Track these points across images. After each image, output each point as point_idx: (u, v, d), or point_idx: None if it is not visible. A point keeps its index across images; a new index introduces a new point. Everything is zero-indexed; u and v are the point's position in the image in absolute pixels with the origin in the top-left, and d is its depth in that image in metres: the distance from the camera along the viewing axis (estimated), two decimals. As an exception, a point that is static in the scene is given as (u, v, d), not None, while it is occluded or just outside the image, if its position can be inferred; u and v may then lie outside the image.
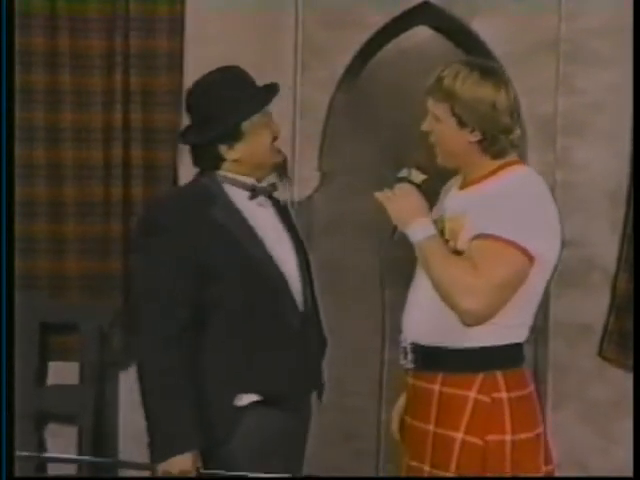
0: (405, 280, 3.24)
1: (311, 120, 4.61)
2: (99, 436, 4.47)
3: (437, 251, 3.05)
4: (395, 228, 3.15)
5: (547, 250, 3.03)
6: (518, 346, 3.15)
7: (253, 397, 3.22)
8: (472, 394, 3.09)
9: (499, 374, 3.09)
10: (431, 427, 3.14)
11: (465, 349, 3.08)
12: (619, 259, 4.57)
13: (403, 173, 3.09)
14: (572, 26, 4.52)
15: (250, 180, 3.28)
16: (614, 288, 4.58)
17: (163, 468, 3.12)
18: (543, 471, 3.15)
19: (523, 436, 3.10)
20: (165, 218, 3.21)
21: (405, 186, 3.13)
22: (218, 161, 3.26)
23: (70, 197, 4.53)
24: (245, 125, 3.22)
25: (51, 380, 4.57)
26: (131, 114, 4.53)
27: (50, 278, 4.54)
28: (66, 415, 4.48)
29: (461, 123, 3.05)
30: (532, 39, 4.54)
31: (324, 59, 4.58)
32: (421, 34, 5.08)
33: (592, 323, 4.57)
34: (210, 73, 3.33)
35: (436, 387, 3.15)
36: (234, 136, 3.22)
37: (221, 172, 3.28)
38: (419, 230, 3.04)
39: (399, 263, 3.19)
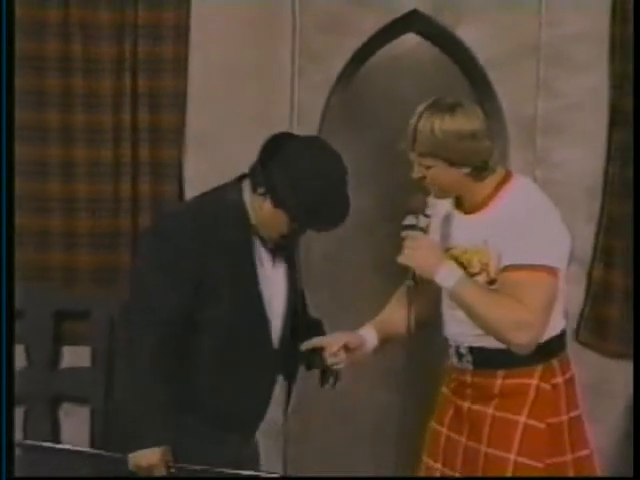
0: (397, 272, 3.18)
1: (308, 121, 4.57)
2: (109, 415, 4.19)
3: (474, 292, 3.04)
4: (414, 273, 3.11)
5: (565, 253, 3.07)
6: (564, 331, 3.18)
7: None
8: (534, 382, 3.10)
9: (555, 362, 3.13)
10: (491, 410, 3.14)
11: None
12: (594, 250, 4.60)
13: (410, 221, 3.04)
14: (552, 32, 4.54)
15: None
16: (590, 277, 4.60)
17: (133, 461, 3.06)
18: (589, 439, 3.19)
19: (574, 414, 3.16)
20: (172, 227, 3.15)
21: (415, 236, 3.07)
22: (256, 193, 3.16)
23: (82, 194, 4.53)
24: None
25: (65, 363, 4.58)
26: (139, 115, 4.52)
27: (64, 270, 4.54)
28: (79, 395, 4.49)
29: (451, 163, 3.04)
30: (514, 45, 4.54)
31: (320, 64, 4.57)
32: (410, 41, 5.05)
33: (569, 310, 4.45)
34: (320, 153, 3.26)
35: (498, 381, 3.14)
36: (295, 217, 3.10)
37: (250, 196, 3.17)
38: (448, 276, 3.01)
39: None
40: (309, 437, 5.29)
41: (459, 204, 3.23)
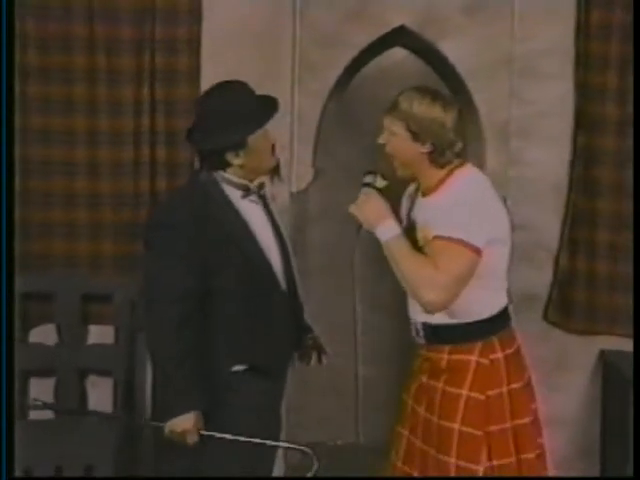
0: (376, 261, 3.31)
1: (306, 126, 4.62)
2: (130, 386, 4.46)
3: (402, 250, 3.10)
4: (360, 226, 3.20)
5: (496, 235, 3.13)
6: (505, 310, 3.27)
7: (244, 366, 3.27)
8: (474, 358, 3.18)
9: (495, 339, 3.20)
10: (440, 385, 3.22)
11: (467, 324, 3.19)
12: (561, 240, 4.61)
13: (368, 179, 3.18)
14: (523, 47, 4.54)
15: (244, 181, 3.30)
16: (556, 264, 4.62)
17: (169, 428, 3.15)
18: (532, 408, 3.27)
19: (516, 385, 3.22)
20: (171, 217, 3.23)
21: (369, 192, 3.17)
22: (224, 165, 3.27)
23: (106, 190, 4.55)
24: (250, 136, 3.24)
25: (91, 340, 4.60)
26: (156, 120, 4.53)
27: (90, 257, 4.56)
28: (103, 369, 4.52)
29: (415, 137, 3.14)
30: (490, 58, 4.55)
31: (317, 74, 4.59)
32: (398, 54, 5.10)
33: (539, 293, 4.65)
34: (220, 86, 3.33)
35: (445, 355, 3.23)
36: (240, 145, 3.23)
37: (221, 173, 3.28)
38: (385, 231, 3.10)
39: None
40: (307, 407, 5.39)
41: (419, 187, 3.30)
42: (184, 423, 3.13)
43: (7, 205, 3.74)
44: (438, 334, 3.24)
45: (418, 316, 3.25)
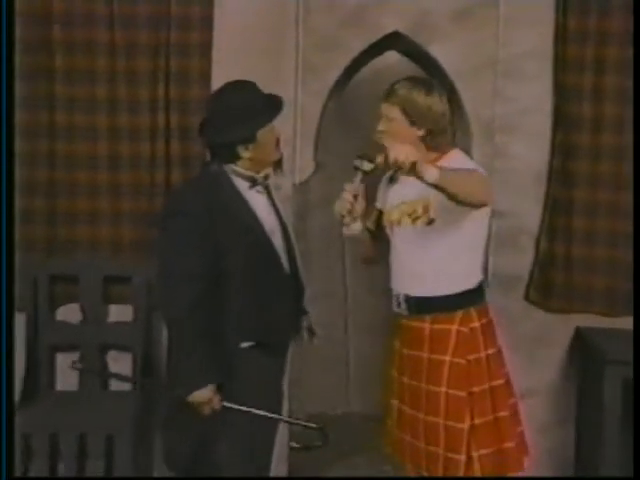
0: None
1: (308, 123, 4.65)
2: (147, 361, 4.50)
3: (450, 177, 3.00)
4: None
5: (489, 196, 3.22)
6: (480, 286, 3.36)
7: (251, 343, 3.30)
8: (455, 326, 3.28)
9: (473, 310, 3.31)
10: (425, 354, 3.31)
11: (447, 296, 3.28)
12: (541, 226, 4.62)
13: (357, 162, 3.22)
14: (506, 51, 4.56)
15: (251, 173, 3.33)
16: (537, 248, 4.64)
17: (191, 400, 3.19)
18: (505, 372, 3.37)
19: (491, 351, 3.34)
20: (185, 206, 3.25)
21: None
22: (235, 158, 3.31)
23: (125, 181, 4.58)
24: (259, 131, 3.29)
25: (112, 318, 4.63)
26: (171, 117, 4.55)
27: (111, 243, 4.60)
28: (123, 345, 4.55)
29: (411, 121, 3.23)
30: (476, 60, 4.58)
31: (318, 75, 4.60)
32: (392, 57, 5.15)
33: (521, 274, 4.67)
34: (230, 85, 3.35)
35: (427, 325, 3.30)
36: (250, 139, 3.28)
37: (231, 165, 3.31)
38: (430, 172, 2.94)
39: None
40: (308, 380, 5.44)
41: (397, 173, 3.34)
42: (204, 395, 3.18)
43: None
44: (420, 305, 3.30)
45: (401, 288, 3.32)
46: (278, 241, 3.37)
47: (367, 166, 3.21)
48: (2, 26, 3.83)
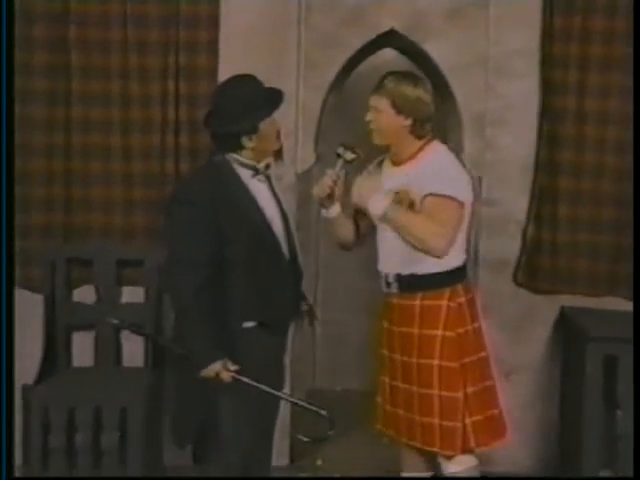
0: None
1: (309, 116, 4.68)
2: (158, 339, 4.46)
3: (400, 214, 3.23)
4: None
5: (466, 196, 3.34)
6: (464, 264, 3.44)
7: (253, 323, 3.32)
8: (444, 302, 3.34)
9: (459, 286, 3.39)
10: (416, 330, 3.35)
11: (438, 273, 3.34)
12: (528, 214, 4.67)
13: (340, 151, 3.33)
14: (496, 49, 4.61)
15: (252, 162, 3.35)
16: (524, 234, 4.68)
17: (203, 374, 3.22)
18: (486, 344, 3.44)
19: (476, 325, 3.43)
20: (191, 194, 3.26)
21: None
22: (239, 148, 3.34)
23: (137, 170, 4.63)
24: (261, 122, 3.33)
25: (124, 299, 4.68)
26: (180, 111, 4.60)
27: (123, 228, 4.66)
28: (135, 324, 4.23)
29: (398, 112, 3.31)
30: (468, 58, 4.62)
31: (318, 71, 4.64)
32: (388, 54, 5.17)
33: (509, 259, 4.71)
34: (235, 79, 3.39)
35: (417, 302, 3.35)
36: (253, 130, 3.31)
37: (234, 155, 3.34)
38: (378, 204, 3.21)
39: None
40: (310, 357, 5.52)
41: (384, 161, 3.45)
42: (214, 369, 3.22)
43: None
44: (412, 283, 3.36)
45: (391, 269, 3.38)
46: (278, 228, 3.40)
47: (349, 156, 3.31)
48: (2, 24, 3.92)
